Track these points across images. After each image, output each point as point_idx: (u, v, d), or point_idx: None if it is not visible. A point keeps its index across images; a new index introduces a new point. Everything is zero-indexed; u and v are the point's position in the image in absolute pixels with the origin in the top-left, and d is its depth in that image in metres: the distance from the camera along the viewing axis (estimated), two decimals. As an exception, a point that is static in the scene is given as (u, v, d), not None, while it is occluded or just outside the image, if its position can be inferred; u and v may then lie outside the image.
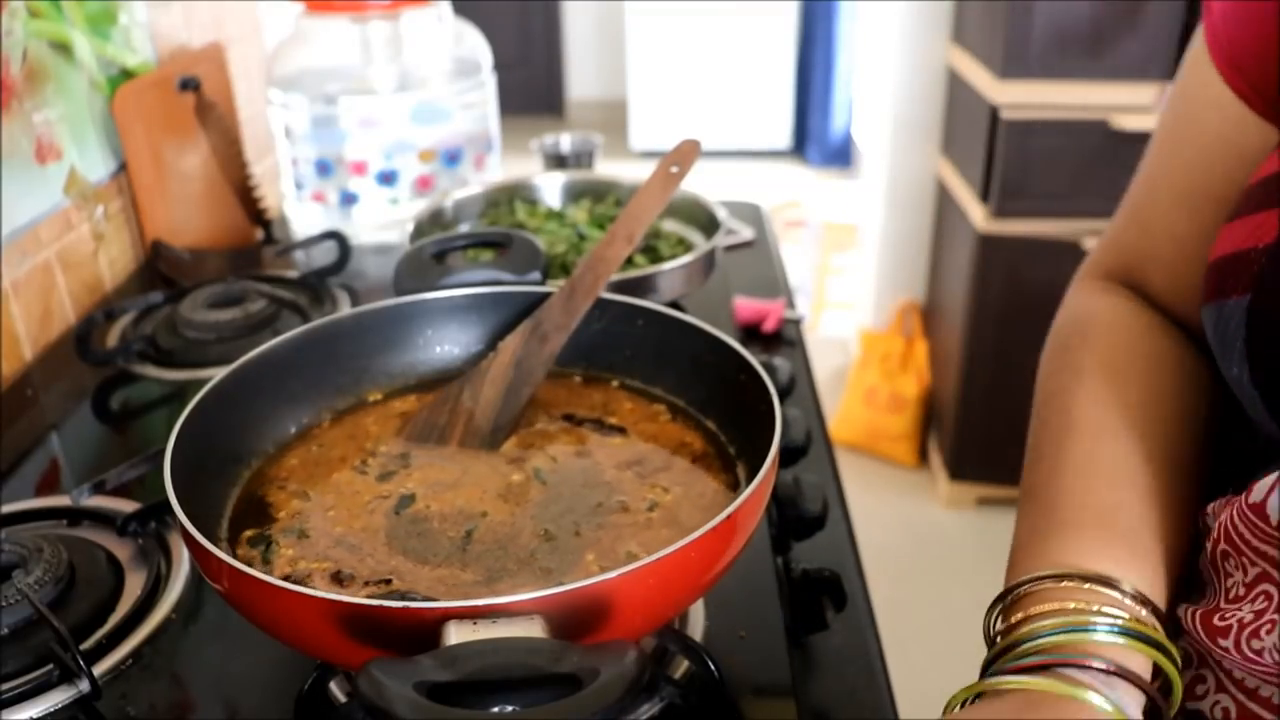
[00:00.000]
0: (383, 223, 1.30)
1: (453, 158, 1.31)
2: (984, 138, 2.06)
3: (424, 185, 1.30)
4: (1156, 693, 0.44)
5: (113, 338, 1.06)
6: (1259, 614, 0.44)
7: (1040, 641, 0.44)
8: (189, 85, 1.28)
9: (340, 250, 1.18)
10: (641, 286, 0.92)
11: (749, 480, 0.52)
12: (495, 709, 0.40)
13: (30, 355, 1.04)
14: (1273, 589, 0.44)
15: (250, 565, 0.50)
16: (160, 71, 1.28)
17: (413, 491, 0.63)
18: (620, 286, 0.91)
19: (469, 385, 0.69)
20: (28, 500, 0.80)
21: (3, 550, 0.68)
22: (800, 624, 0.66)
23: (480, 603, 0.44)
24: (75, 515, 0.76)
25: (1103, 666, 0.43)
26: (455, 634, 0.43)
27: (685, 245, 1.08)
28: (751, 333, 1.07)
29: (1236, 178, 0.54)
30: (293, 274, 1.18)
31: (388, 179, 1.28)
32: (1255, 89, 0.53)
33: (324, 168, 1.28)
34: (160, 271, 1.23)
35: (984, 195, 2.10)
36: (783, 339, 1.07)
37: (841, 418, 2.66)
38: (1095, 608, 0.45)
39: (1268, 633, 0.44)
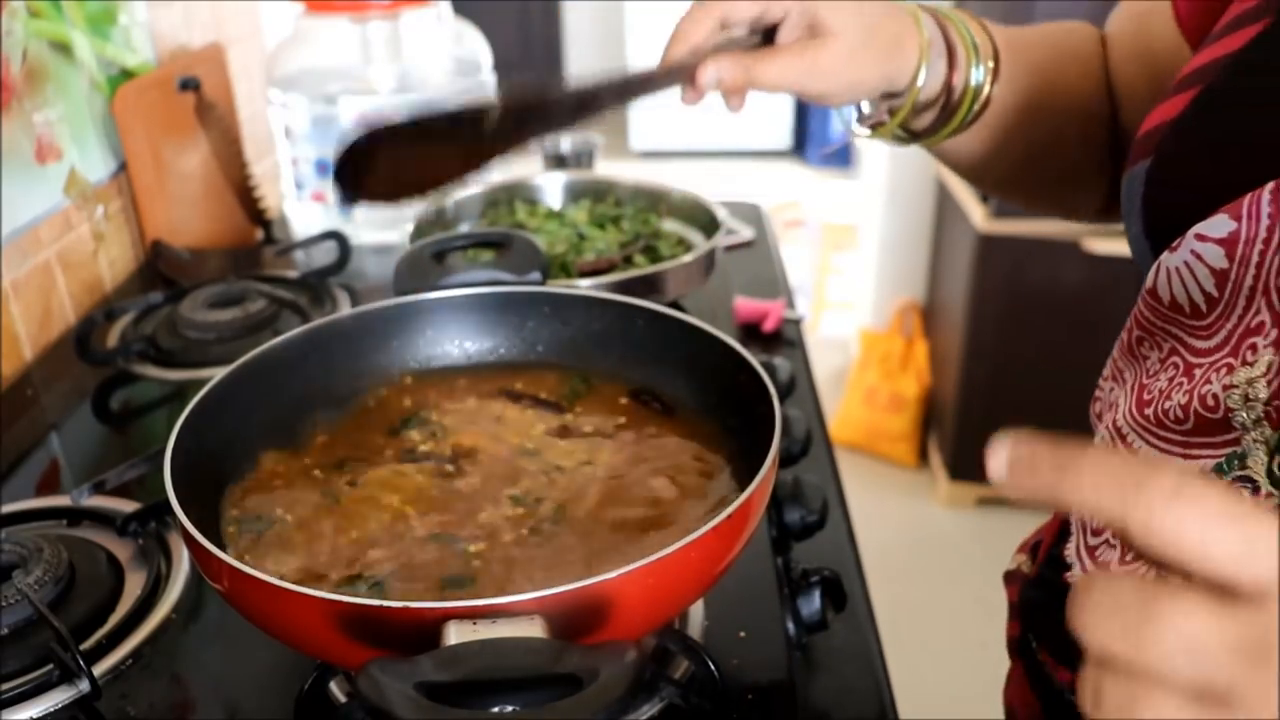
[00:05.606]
0: (383, 223, 1.30)
1: (453, 158, 1.30)
2: (984, 138, 2.06)
3: (424, 185, 1.29)
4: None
5: (113, 338, 1.06)
6: (1170, 380, 0.52)
7: None
8: (189, 85, 1.28)
9: (340, 250, 1.18)
10: (641, 286, 0.92)
11: (749, 480, 0.52)
12: (495, 709, 0.40)
13: (30, 355, 1.04)
14: (1179, 360, 0.52)
15: (248, 563, 0.50)
16: (160, 71, 1.28)
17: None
18: (620, 286, 0.91)
19: None
20: (28, 500, 0.80)
21: (3, 550, 0.68)
22: (800, 624, 0.66)
23: (480, 603, 0.44)
24: (75, 515, 0.76)
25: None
26: (455, 634, 0.43)
27: (685, 245, 1.08)
28: (751, 333, 1.07)
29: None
30: (293, 274, 1.18)
31: (388, 179, 1.28)
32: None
33: (324, 168, 1.28)
34: (160, 271, 1.23)
35: (984, 195, 2.10)
36: (783, 339, 1.07)
37: (841, 418, 2.65)
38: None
39: (1176, 392, 0.51)
